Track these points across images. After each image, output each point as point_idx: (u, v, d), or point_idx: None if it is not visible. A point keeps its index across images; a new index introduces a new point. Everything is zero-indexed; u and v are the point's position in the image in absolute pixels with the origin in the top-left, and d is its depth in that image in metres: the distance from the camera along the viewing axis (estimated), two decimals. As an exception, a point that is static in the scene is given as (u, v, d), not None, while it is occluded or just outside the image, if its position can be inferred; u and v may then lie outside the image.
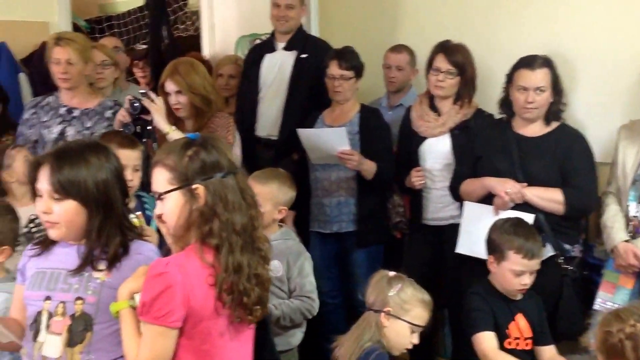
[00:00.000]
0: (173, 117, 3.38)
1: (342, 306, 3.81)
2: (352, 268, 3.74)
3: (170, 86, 3.38)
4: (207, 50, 5.48)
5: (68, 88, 3.48)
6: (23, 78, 4.18)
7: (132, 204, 2.16)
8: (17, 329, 2.01)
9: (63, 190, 1.91)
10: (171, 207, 1.84)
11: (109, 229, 1.95)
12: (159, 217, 1.88)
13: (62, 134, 3.44)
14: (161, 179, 1.85)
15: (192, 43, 5.78)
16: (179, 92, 3.37)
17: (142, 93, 3.29)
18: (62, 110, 3.49)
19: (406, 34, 4.32)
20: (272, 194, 2.96)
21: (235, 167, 1.90)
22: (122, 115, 3.28)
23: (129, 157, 2.73)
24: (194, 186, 1.82)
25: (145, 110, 3.22)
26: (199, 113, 3.40)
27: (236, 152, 3.48)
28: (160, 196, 1.86)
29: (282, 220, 3.12)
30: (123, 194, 2.01)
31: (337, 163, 3.61)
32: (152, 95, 3.27)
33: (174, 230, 1.86)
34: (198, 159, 1.84)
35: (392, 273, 2.55)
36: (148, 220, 2.63)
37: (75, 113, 3.48)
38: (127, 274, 1.93)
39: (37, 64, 4.23)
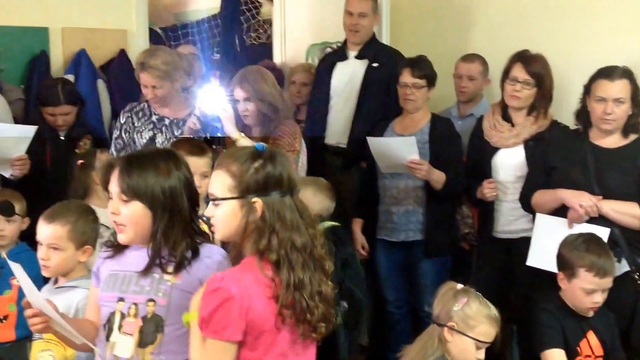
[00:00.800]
0: (240, 124, 3.41)
1: (407, 316, 3.78)
2: (418, 278, 3.71)
3: (238, 93, 3.41)
4: (278, 58, 5.54)
5: (159, 105, 3.58)
6: (101, 84, 4.29)
7: (201, 210, 2.19)
8: (90, 329, 2.06)
9: (130, 192, 1.95)
10: (224, 214, 1.85)
11: (176, 233, 1.97)
12: (208, 219, 1.89)
13: (152, 139, 3.53)
14: (221, 183, 1.85)
15: (264, 51, 5.85)
16: (247, 99, 3.40)
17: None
18: (154, 118, 3.58)
19: (479, 43, 4.27)
20: (305, 201, 2.94)
21: (296, 187, 1.88)
22: (193, 123, 3.34)
23: (198, 165, 2.77)
24: (253, 199, 1.82)
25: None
26: (266, 121, 3.43)
27: (302, 160, 3.51)
28: (215, 200, 1.86)
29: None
30: (192, 201, 2.03)
31: (406, 172, 3.59)
32: (224, 104, 3.30)
33: (221, 236, 1.88)
34: (262, 172, 1.83)
35: (459, 286, 2.50)
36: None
37: (166, 121, 3.57)
38: (197, 277, 1.96)
39: (115, 71, 4.37)
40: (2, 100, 3.65)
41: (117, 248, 2.07)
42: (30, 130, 3.39)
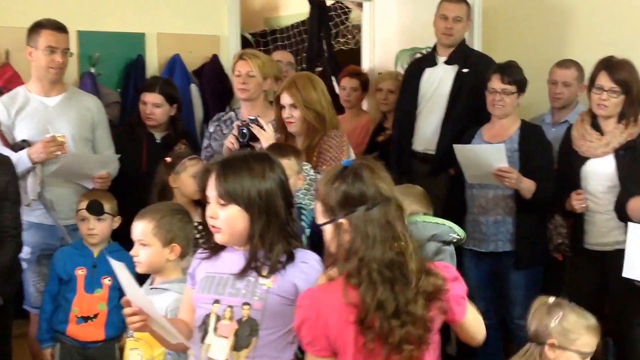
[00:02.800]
0: (284, 132, 3.34)
1: (497, 327, 3.70)
2: (508, 289, 3.63)
3: (285, 99, 3.30)
4: (366, 64, 5.53)
5: (246, 99, 3.62)
6: (194, 89, 4.36)
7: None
8: (184, 329, 2.09)
9: (227, 196, 1.98)
10: (328, 240, 1.88)
11: (272, 236, 2.00)
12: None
13: None
14: (317, 210, 1.91)
15: (352, 57, 5.85)
16: (293, 105, 3.27)
17: (251, 119, 3.25)
18: None
19: (575, 48, 4.16)
20: None
21: (383, 197, 1.83)
22: (230, 142, 3.27)
23: (289, 166, 2.78)
24: (340, 221, 1.83)
25: (254, 137, 3.20)
26: (311, 130, 3.29)
27: None
28: (322, 226, 1.90)
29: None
30: (287, 203, 2.05)
31: (493, 183, 3.51)
32: (262, 122, 3.24)
33: (325, 260, 1.91)
34: (340, 191, 1.83)
35: (551, 299, 2.42)
36: (302, 231, 2.66)
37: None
38: (292, 282, 1.98)
39: (207, 76, 4.46)
40: (99, 103, 3.77)
41: (213, 250, 2.10)
42: (113, 158, 3.53)
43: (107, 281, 3.17)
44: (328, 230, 1.87)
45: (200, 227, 2.84)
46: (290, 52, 5.46)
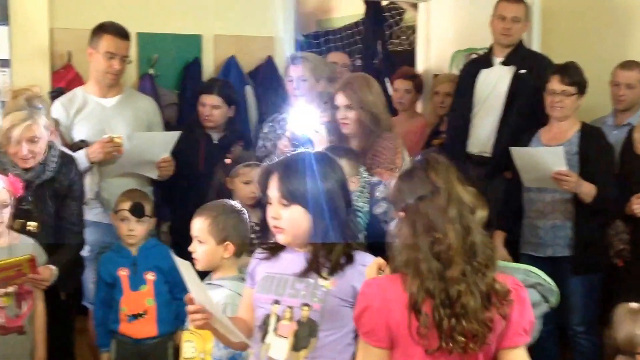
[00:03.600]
0: (338, 135, 3.30)
1: (553, 333, 3.62)
2: (566, 296, 3.53)
3: (340, 99, 3.27)
4: (421, 65, 5.49)
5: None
6: (249, 91, 4.39)
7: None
8: (245, 329, 2.10)
9: (290, 196, 1.99)
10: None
11: (333, 237, 2.00)
12: None
13: None
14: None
15: (406, 58, 5.82)
16: (349, 106, 3.24)
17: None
18: None
19: (637, 49, 4.05)
20: None
21: (434, 189, 1.81)
22: (284, 145, 3.25)
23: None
24: (400, 214, 1.85)
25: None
26: (365, 131, 3.25)
27: None
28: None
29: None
30: (347, 204, 2.05)
31: (551, 187, 3.44)
32: (315, 123, 3.20)
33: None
34: (397, 186, 1.87)
35: (633, 306, 2.33)
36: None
37: None
38: (351, 284, 1.97)
39: (261, 77, 4.48)
40: (155, 105, 3.83)
41: (273, 250, 2.11)
42: (174, 135, 3.55)
43: (150, 276, 3.21)
44: (394, 224, 1.88)
45: (257, 228, 2.85)
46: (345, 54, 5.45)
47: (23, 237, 2.91)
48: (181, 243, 2.99)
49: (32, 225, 2.93)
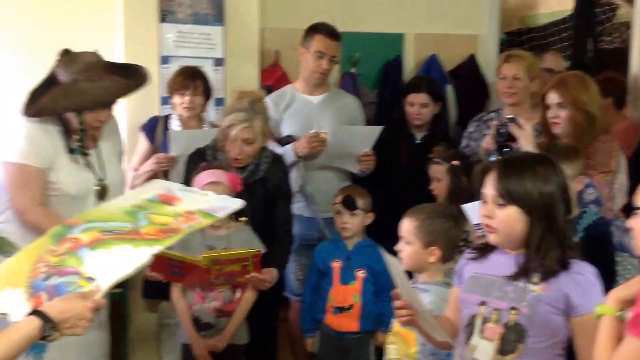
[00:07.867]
0: (547, 134, 3.16)
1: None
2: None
3: (552, 97, 3.12)
4: (636, 64, 5.08)
5: (512, 104, 3.53)
6: (450, 90, 4.34)
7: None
8: (449, 328, 2.08)
9: (507, 196, 1.93)
10: None
11: (549, 242, 1.92)
12: None
13: None
14: None
15: (617, 56, 5.43)
16: (561, 105, 3.09)
17: (509, 118, 3.15)
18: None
19: None
20: None
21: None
22: (488, 143, 3.20)
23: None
24: None
25: (512, 137, 3.09)
26: (578, 132, 3.06)
27: (621, 180, 3.12)
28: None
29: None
30: (567, 210, 1.97)
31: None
32: (521, 121, 3.11)
33: None
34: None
35: None
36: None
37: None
38: (564, 292, 1.89)
39: (463, 76, 4.41)
40: (358, 103, 3.88)
41: (483, 251, 2.07)
42: (376, 129, 3.58)
43: (360, 274, 3.24)
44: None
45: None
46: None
47: (237, 224, 3.02)
48: (379, 240, 3.04)
49: (242, 220, 3.04)
